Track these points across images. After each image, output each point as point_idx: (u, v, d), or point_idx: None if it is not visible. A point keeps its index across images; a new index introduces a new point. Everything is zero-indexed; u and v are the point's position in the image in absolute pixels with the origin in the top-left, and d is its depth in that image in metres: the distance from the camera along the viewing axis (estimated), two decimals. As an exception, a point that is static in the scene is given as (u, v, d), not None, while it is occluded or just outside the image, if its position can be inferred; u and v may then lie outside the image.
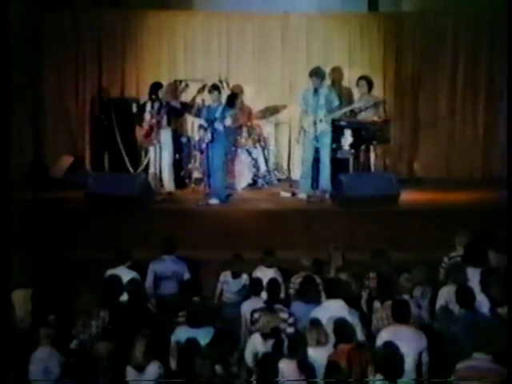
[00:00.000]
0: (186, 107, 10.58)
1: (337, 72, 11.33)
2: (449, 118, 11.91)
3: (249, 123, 11.19)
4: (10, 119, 9.53)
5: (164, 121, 10.34)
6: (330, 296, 6.48)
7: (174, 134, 10.65)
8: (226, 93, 10.58)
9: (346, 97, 11.03)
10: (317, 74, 10.04)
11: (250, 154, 11.06)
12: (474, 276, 6.88)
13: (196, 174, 10.99)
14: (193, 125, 11.30)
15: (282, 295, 7.02)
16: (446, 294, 6.65)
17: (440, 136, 11.94)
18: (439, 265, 7.45)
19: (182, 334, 6.04)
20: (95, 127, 11.73)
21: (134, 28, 11.97)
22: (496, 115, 11.85)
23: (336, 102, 10.18)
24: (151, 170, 10.51)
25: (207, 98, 10.08)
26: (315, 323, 5.97)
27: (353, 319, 6.16)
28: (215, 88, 10.00)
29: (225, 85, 11.01)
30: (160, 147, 10.36)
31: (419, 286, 6.82)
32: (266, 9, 11.72)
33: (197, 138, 10.44)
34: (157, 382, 5.52)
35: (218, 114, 9.82)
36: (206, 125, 9.90)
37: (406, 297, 6.52)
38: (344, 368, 5.48)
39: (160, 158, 10.41)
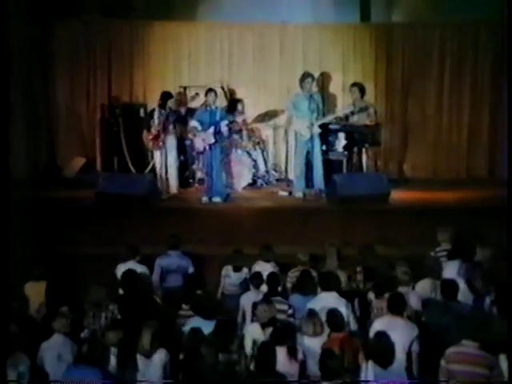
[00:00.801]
0: (193, 113, 10.51)
1: (325, 77, 11.38)
2: (436, 122, 11.99)
3: (249, 127, 11.16)
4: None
5: (171, 127, 10.30)
6: (325, 289, 6.49)
7: (179, 137, 10.61)
8: (227, 97, 10.59)
9: (330, 102, 10.96)
10: (307, 77, 9.98)
11: (249, 155, 11.09)
12: (455, 269, 6.97)
13: (199, 175, 11.04)
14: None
15: (280, 288, 6.99)
16: (421, 289, 6.70)
17: (428, 139, 12.02)
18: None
19: (195, 324, 6.02)
20: (105, 131, 11.80)
21: (141, 38, 12.03)
22: (480, 119, 11.93)
23: (320, 107, 10.19)
24: (158, 171, 10.46)
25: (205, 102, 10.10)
26: (312, 314, 5.98)
27: (346, 310, 6.19)
28: (211, 90, 9.95)
29: (226, 90, 11.02)
30: (166, 151, 10.33)
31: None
32: (264, 19, 11.77)
33: (196, 138, 10.35)
34: (163, 368, 5.54)
35: (218, 117, 9.77)
36: (200, 127, 9.82)
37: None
38: (337, 355, 5.45)
39: (166, 160, 10.38)
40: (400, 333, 5.69)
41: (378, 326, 5.82)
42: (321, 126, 10.12)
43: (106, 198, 9.72)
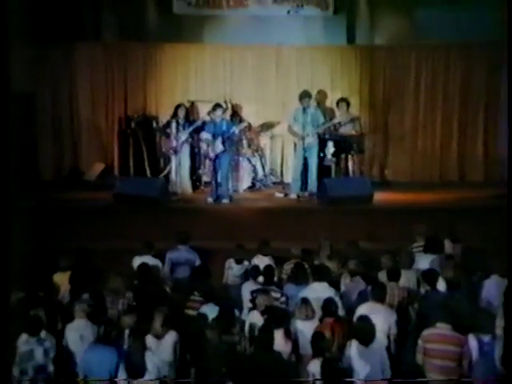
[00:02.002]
0: (203, 125, 10.51)
1: (321, 94, 11.31)
2: (412, 133, 11.90)
3: (249, 136, 11.16)
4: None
5: (185, 136, 10.36)
6: (316, 279, 6.48)
7: (191, 145, 10.65)
8: (229, 111, 10.60)
9: (329, 115, 10.98)
10: (305, 95, 10.07)
11: (249, 161, 11.06)
12: (429, 261, 6.96)
13: (205, 178, 10.98)
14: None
15: (276, 279, 6.98)
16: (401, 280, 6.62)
17: (406, 147, 11.93)
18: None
19: (209, 310, 6.04)
20: (122, 140, 11.71)
21: (154, 58, 11.95)
22: (451, 131, 11.84)
23: (321, 120, 10.21)
24: (172, 175, 10.51)
25: (213, 114, 10.07)
26: (305, 301, 5.96)
27: (335, 298, 6.16)
28: (219, 106, 10.01)
29: (229, 104, 11.03)
30: (180, 156, 10.42)
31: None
32: (262, 41, 11.71)
33: (204, 148, 10.37)
34: (174, 348, 5.52)
35: (224, 128, 9.79)
36: (211, 138, 9.84)
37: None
38: (328, 337, 5.50)
39: (179, 165, 10.44)
40: (380, 317, 5.71)
41: (361, 311, 5.84)
42: (318, 136, 10.14)
43: (122, 198, 9.70)
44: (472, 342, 5.40)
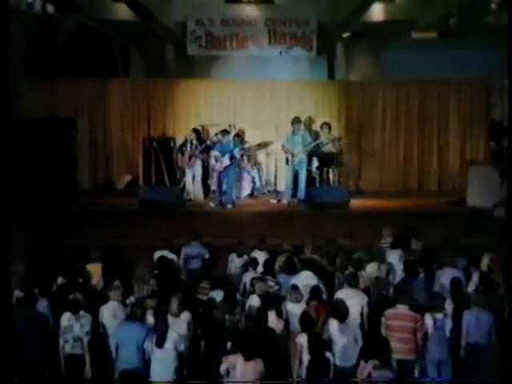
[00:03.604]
0: (214, 145, 10.52)
1: (309, 120, 11.20)
2: (381, 151, 11.87)
3: (248, 153, 11.07)
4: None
5: (198, 153, 10.39)
6: (302, 269, 6.42)
7: (202, 161, 10.65)
8: (233, 133, 10.62)
9: (314, 136, 10.90)
10: (296, 121, 10.13)
11: (249, 173, 10.99)
12: (396, 256, 6.90)
13: (213, 187, 10.84)
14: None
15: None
16: (370, 269, 6.60)
17: (375, 162, 11.89)
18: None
19: (216, 294, 6.02)
20: (146, 156, 11.63)
21: (171, 91, 11.94)
22: (411, 149, 11.78)
23: (309, 140, 10.20)
24: (188, 185, 10.52)
25: (221, 138, 10.19)
26: (294, 288, 5.93)
27: (319, 285, 6.10)
28: (226, 131, 10.15)
29: (233, 128, 11.02)
30: (194, 170, 10.47)
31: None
32: (259, 77, 11.77)
33: (213, 163, 10.39)
34: (188, 324, 5.48)
35: (231, 147, 9.87)
36: (220, 155, 9.91)
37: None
38: (314, 316, 5.49)
39: (193, 177, 10.46)
40: (355, 300, 5.70)
41: (339, 294, 5.83)
42: (305, 153, 10.15)
43: (146, 204, 9.68)
44: (428, 319, 5.42)
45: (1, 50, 4.65)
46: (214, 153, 10.11)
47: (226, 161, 9.86)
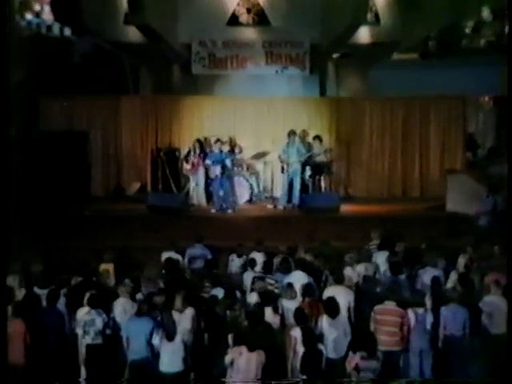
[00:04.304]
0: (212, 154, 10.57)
1: (303, 133, 11.07)
2: (368, 161, 11.77)
3: (247, 162, 11.04)
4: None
5: (201, 162, 10.41)
6: (296, 269, 6.42)
7: (205, 169, 10.63)
8: (234, 145, 10.68)
9: (308, 147, 10.79)
10: (292, 133, 10.19)
11: (247, 181, 10.90)
12: (383, 257, 6.91)
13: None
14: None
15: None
16: (359, 269, 6.61)
17: (363, 171, 11.78)
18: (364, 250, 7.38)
19: (217, 292, 6.04)
20: (153, 165, 11.51)
21: (177, 106, 11.85)
22: (395, 159, 11.71)
23: (303, 151, 10.24)
24: (192, 192, 10.51)
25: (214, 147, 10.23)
26: (289, 286, 5.94)
27: (312, 283, 6.10)
28: (219, 141, 10.19)
29: (233, 140, 11.01)
30: (197, 177, 10.45)
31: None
32: (257, 94, 11.69)
33: (210, 171, 10.36)
34: (192, 319, 5.47)
35: (223, 157, 9.91)
36: (211, 164, 10.00)
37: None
38: (307, 312, 5.50)
39: (197, 184, 10.46)
40: (342, 297, 5.71)
41: (328, 292, 5.84)
42: (299, 163, 10.20)
43: (153, 209, 9.68)
44: (410, 313, 5.47)
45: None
46: (206, 162, 10.17)
47: (218, 169, 9.87)
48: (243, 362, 4.87)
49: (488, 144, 13.93)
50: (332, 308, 5.44)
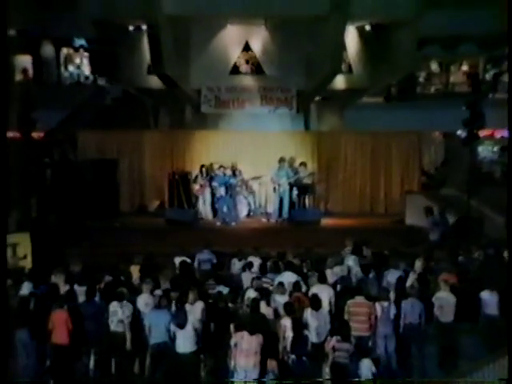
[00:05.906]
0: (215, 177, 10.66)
1: (291, 159, 11.11)
2: (343, 183, 11.79)
3: (246, 183, 11.08)
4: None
5: (207, 184, 10.55)
6: (286, 270, 6.50)
7: (211, 189, 10.72)
8: (235, 170, 10.82)
9: (295, 171, 10.85)
10: (282, 160, 10.43)
11: (246, 198, 10.98)
12: (355, 260, 6.97)
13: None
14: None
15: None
16: (337, 270, 6.67)
17: (340, 191, 11.80)
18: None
19: (222, 289, 6.09)
20: (170, 186, 11.32)
21: (189, 139, 11.87)
22: (366, 182, 11.72)
23: (291, 174, 10.41)
24: (200, 208, 10.58)
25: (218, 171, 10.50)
26: (280, 284, 6.02)
27: (300, 281, 6.15)
28: (223, 167, 10.47)
29: (234, 165, 11.11)
30: (204, 196, 10.56)
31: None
32: (254, 129, 11.73)
33: (217, 191, 10.48)
34: (202, 311, 5.49)
35: (226, 179, 10.15)
36: (217, 185, 10.25)
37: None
38: (295, 306, 5.56)
39: (204, 202, 10.56)
40: (325, 293, 5.80)
41: (313, 290, 5.92)
42: (288, 184, 10.36)
43: (170, 222, 9.82)
44: (377, 306, 5.58)
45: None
46: (213, 183, 10.36)
47: (222, 190, 10.08)
48: (245, 344, 4.96)
49: (439, 170, 14.17)
50: (316, 302, 5.54)
